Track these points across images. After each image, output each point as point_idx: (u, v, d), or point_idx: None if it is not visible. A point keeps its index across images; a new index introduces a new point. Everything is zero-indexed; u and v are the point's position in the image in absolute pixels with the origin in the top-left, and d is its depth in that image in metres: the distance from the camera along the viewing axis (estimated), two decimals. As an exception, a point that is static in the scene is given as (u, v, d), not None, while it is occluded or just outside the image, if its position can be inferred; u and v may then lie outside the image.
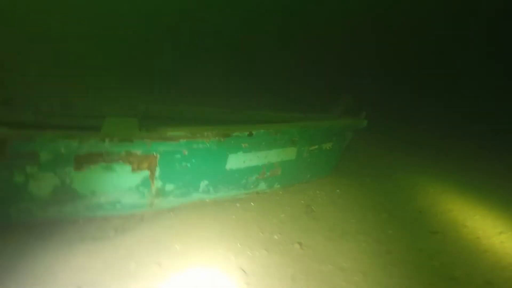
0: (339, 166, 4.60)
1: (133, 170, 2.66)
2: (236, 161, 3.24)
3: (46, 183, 2.45)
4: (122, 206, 2.82)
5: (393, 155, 5.96)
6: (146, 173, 2.73)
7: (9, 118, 3.92)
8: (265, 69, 12.08)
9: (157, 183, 2.85)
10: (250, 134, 3.12)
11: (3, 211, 2.45)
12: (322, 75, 11.79)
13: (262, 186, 3.67)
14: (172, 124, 4.30)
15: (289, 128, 3.45)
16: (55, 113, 4.13)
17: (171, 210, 3.05)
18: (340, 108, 4.39)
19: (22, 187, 2.40)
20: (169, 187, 2.95)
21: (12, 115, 3.98)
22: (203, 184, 3.16)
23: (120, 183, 2.68)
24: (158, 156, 2.72)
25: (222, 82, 10.50)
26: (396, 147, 6.49)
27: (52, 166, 2.41)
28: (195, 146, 2.81)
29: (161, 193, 2.93)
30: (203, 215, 3.04)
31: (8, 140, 2.18)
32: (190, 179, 3.04)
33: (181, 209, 3.08)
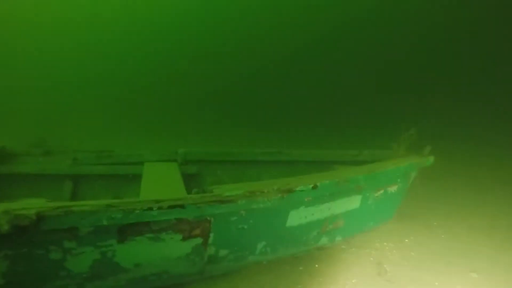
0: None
1: (184, 238, 2.24)
2: (298, 217, 2.77)
3: (85, 258, 2.07)
4: (169, 277, 2.40)
5: (458, 191, 5.28)
6: (198, 240, 2.31)
7: (49, 169, 3.70)
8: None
9: (210, 250, 2.41)
10: (315, 187, 2.66)
11: (36, 290, 2.08)
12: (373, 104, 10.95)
13: (324, 240, 3.16)
14: (225, 182, 3.96)
15: (355, 175, 2.96)
16: (93, 161, 3.86)
17: (224, 276, 2.60)
18: (404, 143, 3.85)
19: (58, 263, 2.03)
20: (223, 252, 2.50)
21: (52, 166, 3.75)
22: (260, 245, 2.69)
23: (169, 253, 2.27)
24: (212, 220, 2.30)
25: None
26: (463, 182, 5.77)
27: (92, 240, 2.03)
28: (255, 205, 2.37)
29: (214, 259, 2.49)
30: (262, 284, 2.56)
31: (45, 215, 1.82)
32: (247, 242, 2.59)
33: (234, 277, 2.62)
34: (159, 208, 2.04)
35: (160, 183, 3.15)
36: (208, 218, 2.28)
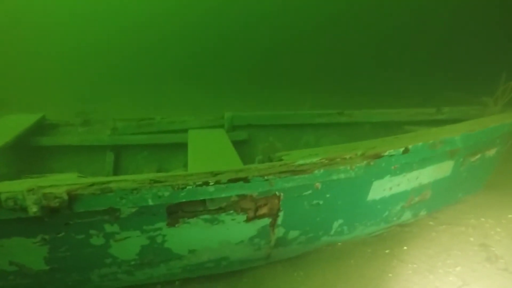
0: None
1: (248, 219, 1.78)
2: (381, 188, 2.22)
3: (131, 244, 1.69)
4: (229, 263, 1.99)
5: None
6: (265, 221, 1.84)
7: (89, 140, 3.39)
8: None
9: (279, 232, 1.95)
10: (406, 151, 2.06)
11: (83, 277, 1.76)
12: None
13: (407, 215, 2.60)
14: (278, 149, 3.48)
15: (452, 136, 2.31)
16: (133, 130, 3.50)
17: (292, 261, 2.15)
18: (503, 97, 3.07)
19: (101, 249, 1.67)
20: (293, 233, 2.04)
21: (92, 137, 3.45)
22: (337, 224, 2.19)
23: (229, 237, 1.83)
24: (282, 195, 1.80)
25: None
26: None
27: (137, 223, 1.63)
28: (335, 176, 1.83)
29: (282, 242, 2.03)
30: (343, 272, 2.08)
31: (78, 194, 1.42)
32: (321, 220, 2.09)
33: (305, 262, 2.16)
34: (217, 182, 1.57)
35: (209, 152, 2.70)
36: (278, 194, 1.79)
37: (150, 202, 1.51)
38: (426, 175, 2.45)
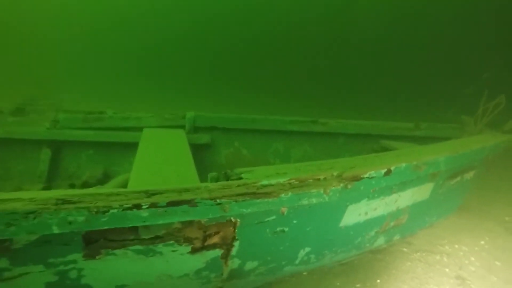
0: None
1: (194, 250, 1.40)
2: (356, 213, 1.92)
3: (31, 283, 1.26)
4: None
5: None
6: (216, 252, 1.47)
7: (20, 133, 2.85)
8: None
9: (233, 263, 1.59)
10: (388, 173, 1.77)
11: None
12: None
13: (380, 241, 2.34)
14: (244, 156, 3.14)
15: (436, 158, 2.06)
16: (78, 124, 3.01)
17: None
18: (485, 116, 2.90)
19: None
20: (251, 265, 1.68)
21: (25, 129, 2.91)
22: (303, 252, 1.87)
23: (170, 271, 1.44)
24: (239, 222, 1.44)
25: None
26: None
27: (39, 255, 1.20)
28: (305, 201, 1.49)
29: (237, 274, 1.67)
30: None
31: None
32: (285, 249, 1.76)
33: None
34: (153, 205, 1.18)
35: (161, 157, 2.30)
36: (233, 220, 1.43)
37: (56, 230, 1.10)
38: (405, 198, 2.19)
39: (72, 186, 2.82)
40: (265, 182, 1.42)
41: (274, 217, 1.55)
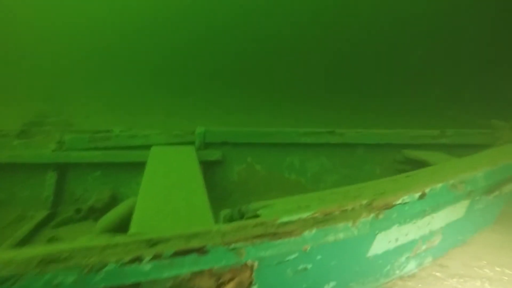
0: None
1: (206, 299, 1.22)
2: (386, 241, 1.71)
3: None
4: None
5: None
6: (230, 299, 1.28)
7: (24, 157, 2.75)
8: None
9: (251, 308, 1.39)
10: (423, 196, 1.56)
11: None
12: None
13: (411, 266, 2.11)
14: (257, 172, 2.98)
15: (474, 174, 1.84)
16: (84, 145, 2.89)
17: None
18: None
19: None
20: (270, 307, 1.48)
21: (29, 152, 2.81)
22: (328, 287, 1.66)
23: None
24: (256, 264, 1.26)
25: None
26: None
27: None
28: (331, 236, 1.30)
29: (255, 318, 1.48)
30: None
31: None
32: (309, 287, 1.55)
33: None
34: (156, 257, 1.01)
35: (169, 179, 2.15)
36: (250, 263, 1.25)
37: None
38: (438, 219, 1.97)
39: (78, 211, 2.69)
40: (285, 219, 1.23)
41: (296, 255, 1.37)
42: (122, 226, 2.27)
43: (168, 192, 1.97)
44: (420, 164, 3.00)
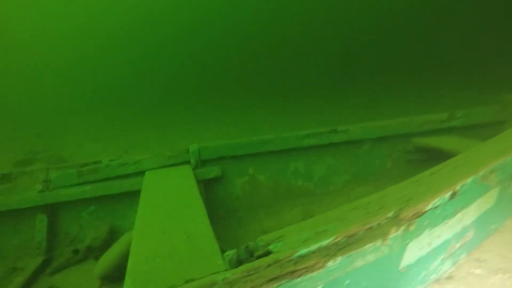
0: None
1: None
2: (418, 248, 1.50)
3: None
4: None
5: None
6: None
7: (7, 204, 2.53)
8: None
9: None
10: (454, 195, 1.35)
11: None
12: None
13: (446, 266, 1.90)
14: (261, 183, 2.79)
15: (504, 159, 1.63)
16: (73, 181, 2.68)
17: None
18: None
19: None
20: None
21: (13, 198, 2.59)
22: (359, 312, 1.44)
23: None
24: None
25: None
26: None
27: None
28: (359, 261, 1.09)
29: None
30: None
31: None
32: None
33: None
34: None
35: (166, 206, 1.94)
36: None
37: None
38: (470, 214, 1.76)
39: (75, 252, 2.48)
40: (303, 251, 1.02)
41: (321, 286, 1.15)
42: (121, 267, 2.06)
43: (166, 224, 1.76)
44: (432, 152, 2.79)
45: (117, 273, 2.06)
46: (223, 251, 2.49)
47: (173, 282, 1.03)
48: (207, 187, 2.90)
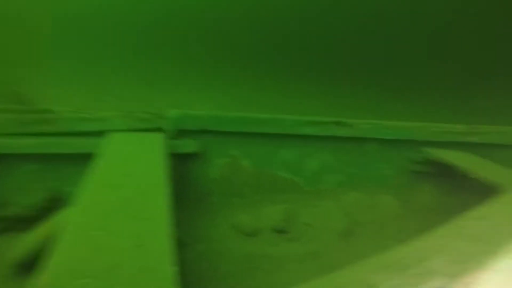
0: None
1: None
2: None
3: None
4: None
5: None
6: None
7: None
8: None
9: None
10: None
11: None
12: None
13: None
14: (244, 168, 2.44)
15: None
16: (12, 128, 2.16)
17: None
18: None
19: None
20: None
21: None
22: None
23: None
24: None
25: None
26: None
27: None
28: None
29: None
30: None
31: None
32: None
33: None
34: None
35: (122, 182, 1.49)
36: None
37: None
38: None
39: (2, 220, 2.00)
40: None
41: None
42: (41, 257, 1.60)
43: (114, 213, 1.31)
44: (444, 168, 2.45)
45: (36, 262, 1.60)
46: (183, 243, 1.96)
47: None
48: (181, 162, 2.46)
